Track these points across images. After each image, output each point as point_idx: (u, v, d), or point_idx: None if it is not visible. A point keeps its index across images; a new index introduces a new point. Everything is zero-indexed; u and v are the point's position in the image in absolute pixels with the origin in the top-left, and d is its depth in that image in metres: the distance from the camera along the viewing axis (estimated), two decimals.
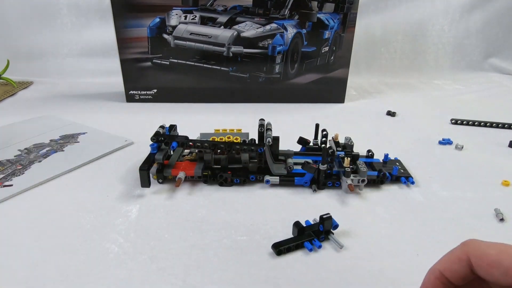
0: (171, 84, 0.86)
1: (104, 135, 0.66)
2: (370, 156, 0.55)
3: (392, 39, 1.23)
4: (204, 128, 0.56)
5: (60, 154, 0.58)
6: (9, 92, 0.94)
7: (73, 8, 1.11)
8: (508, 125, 0.75)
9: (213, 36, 0.81)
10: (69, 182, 0.51)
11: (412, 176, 0.51)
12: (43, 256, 0.36)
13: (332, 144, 0.54)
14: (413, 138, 0.69)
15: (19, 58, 1.12)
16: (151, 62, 0.84)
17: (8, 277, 0.34)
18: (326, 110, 0.86)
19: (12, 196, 0.46)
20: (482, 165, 0.58)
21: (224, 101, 0.89)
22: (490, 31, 1.27)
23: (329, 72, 0.88)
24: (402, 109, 0.85)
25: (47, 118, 0.75)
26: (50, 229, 0.40)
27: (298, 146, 0.56)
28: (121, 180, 0.51)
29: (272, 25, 0.81)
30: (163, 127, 0.52)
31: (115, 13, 0.78)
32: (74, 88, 1.01)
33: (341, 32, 0.84)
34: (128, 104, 0.87)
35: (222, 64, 0.84)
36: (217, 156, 0.51)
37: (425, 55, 1.26)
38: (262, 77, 0.86)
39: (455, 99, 0.98)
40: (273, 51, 0.83)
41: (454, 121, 0.77)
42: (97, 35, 1.13)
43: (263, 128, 0.50)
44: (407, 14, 1.22)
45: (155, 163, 0.49)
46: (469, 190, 0.50)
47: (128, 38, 0.81)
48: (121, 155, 0.60)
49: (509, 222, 0.43)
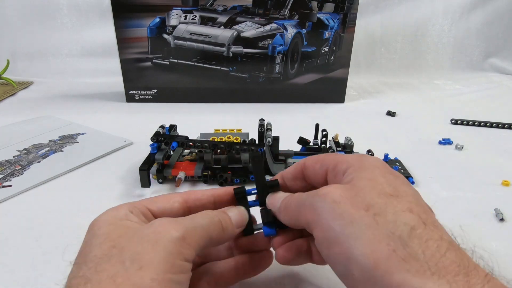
0: (171, 84, 0.86)
1: (104, 135, 0.66)
2: None
3: (392, 39, 1.23)
4: (204, 128, 0.56)
5: (59, 155, 0.58)
6: (9, 92, 0.94)
7: (73, 8, 1.11)
8: (508, 125, 0.75)
9: (213, 36, 0.81)
10: (69, 183, 0.51)
11: (412, 176, 0.51)
12: (43, 256, 0.36)
13: (332, 144, 0.54)
14: (413, 138, 0.69)
15: (19, 58, 1.12)
16: (151, 62, 0.84)
17: (8, 277, 0.34)
18: (326, 110, 0.86)
19: (12, 197, 0.46)
20: (482, 165, 0.58)
21: (224, 101, 0.89)
22: (490, 31, 1.27)
23: (329, 72, 0.88)
24: (402, 109, 0.85)
25: (46, 119, 0.75)
26: (50, 229, 0.40)
27: (298, 146, 0.56)
28: (121, 180, 0.51)
29: (272, 25, 0.81)
30: (163, 127, 0.52)
31: (115, 13, 0.78)
32: (74, 88, 1.01)
33: (341, 32, 0.84)
34: (128, 104, 0.87)
35: (222, 64, 0.84)
36: (217, 156, 0.51)
37: (425, 55, 1.26)
38: (262, 77, 0.86)
39: (455, 99, 0.98)
40: (273, 51, 0.83)
41: (454, 121, 0.77)
42: (97, 35, 1.13)
43: (263, 128, 0.50)
44: (407, 14, 1.22)
45: (155, 163, 0.49)
46: (469, 190, 0.50)
47: (128, 38, 0.81)
48: (121, 155, 0.59)
49: (509, 222, 0.43)
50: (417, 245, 0.20)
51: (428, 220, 0.21)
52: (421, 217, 0.21)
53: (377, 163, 0.25)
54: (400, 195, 0.22)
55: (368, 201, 0.22)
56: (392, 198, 0.22)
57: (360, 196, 0.22)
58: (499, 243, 0.39)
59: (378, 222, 0.21)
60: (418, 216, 0.21)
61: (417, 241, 0.20)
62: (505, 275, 0.21)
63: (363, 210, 0.21)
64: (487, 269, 0.20)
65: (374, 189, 0.23)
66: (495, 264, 0.24)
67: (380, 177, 0.24)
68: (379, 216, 0.21)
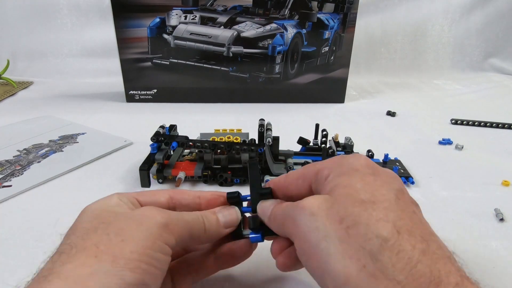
0: (171, 84, 0.86)
1: (104, 135, 0.66)
2: (370, 156, 0.55)
3: (392, 39, 1.23)
4: (204, 128, 0.56)
5: (59, 155, 0.58)
6: (9, 92, 0.94)
7: (73, 8, 1.11)
8: (508, 125, 0.75)
9: (213, 36, 0.81)
10: (69, 183, 0.51)
11: (412, 176, 0.51)
12: (43, 256, 0.36)
13: (332, 144, 0.54)
14: (413, 138, 0.69)
15: (19, 58, 1.12)
16: (151, 62, 0.84)
17: (8, 277, 0.34)
18: (326, 110, 0.86)
19: (12, 197, 0.46)
20: (482, 165, 0.58)
21: (224, 101, 0.89)
22: (490, 31, 1.27)
23: (329, 72, 0.88)
24: (402, 109, 0.85)
25: (46, 119, 0.75)
26: (50, 229, 0.40)
27: (298, 146, 0.56)
28: (121, 180, 0.51)
29: (272, 25, 0.81)
30: (163, 127, 0.52)
31: (115, 13, 0.78)
32: (74, 88, 1.01)
33: (341, 32, 0.84)
34: (128, 104, 0.87)
35: (222, 64, 0.84)
36: (217, 156, 0.51)
37: (425, 55, 1.26)
38: (262, 77, 0.86)
39: (455, 99, 0.98)
40: (273, 51, 0.83)
41: (454, 121, 0.77)
42: (97, 35, 1.13)
43: (263, 128, 0.50)
44: (407, 14, 1.22)
45: (155, 163, 0.49)
46: (469, 190, 0.50)
47: (128, 38, 0.81)
48: (121, 155, 0.59)
49: (509, 222, 0.43)
50: (388, 258, 0.19)
51: (403, 227, 0.21)
52: (395, 224, 0.21)
53: (356, 164, 0.24)
54: (377, 201, 0.22)
55: (343, 212, 0.22)
56: (367, 206, 0.21)
57: (335, 207, 0.22)
58: (499, 243, 0.39)
59: (350, 236, 0.21)
60: (393, 224, 0.21)
61: (388, 254, 0.20)
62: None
63: (337, 223, 0.21)
64: (465, 272, 0.20)
65: (349, 198, 0.22)
66: (495, 264, 0.24)
67: (357, 182, 0.23)
68: (351, 228, 0.21)
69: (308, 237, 0.22)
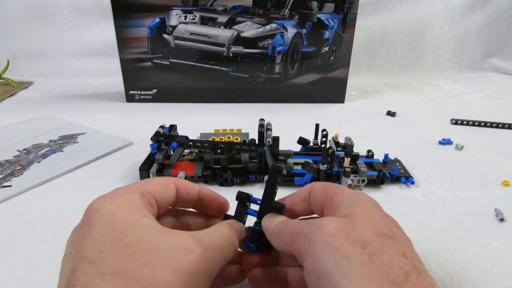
0: (171, 84, 0.86)
1: (104, 135, 0.66)
2: (370, 156, 0.55)
3: (392, 39, 1.23)
4: (204, 128, 0.56)
5: (59, 155, 0.58)
6: (9, 92, 0.94)
7: (73, 8, 1.11)
8: (508, 125, 0.75)
9: (213, 36, 0.81)
10: (69, 183, 0.51)
11: (412, 176, 0.51)
12: (43, 256, 0.36)
13: (332, 144, 0.54)
14: (413, 138, 0.69)
15: (19, 58, 1.12)
16: (151, 62, 0.84)
17: (8, 277, 0.34)
18: (326, 110, 0.86)
19: (12, 197, 0.46)
20: (482, 165, 0.58)
21: (224, 101, 0.89)
22: (490, 31, 1.27)
23: (329, 72, 0.88)
24: (402, 109, 0.85)
25: (46, 119, 0.75)
26: (50, 229, 0.40)
27: (298, 146, 0.56)
28: (121, 180, 0.51)
29: (272, 25, 0.81)
30: (163, 127, 0.52)
31: (115, 13, 0.78)
32: (74, 88, 1.01)
33: (341, 32, 0.84)
34: (128, 104, 0.87)
35: (222, 64, 0.84)
36: (217, 156, 0.51)
37: (425, 55, 1.26)
38: (262, 77, 0.86)
39: (455, 99, 0.98)
40: (273, 51, 0.83)
41: (454, 121, 0.77)
42: (97, 35, 1.13)
43: (263, 128, 0.50)
44: (407, 14, 1.22)
45: (155, 163, 0.49)
46: (469, 190, 0.50)
47: (128, 38, 0.81)
48: (121, 155, 0.59)
49: (509, 222, 0.43)
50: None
51: (421, 267, 0.22)
52: (414, 264, 0.21)
53: (372, 200, 0.26)
54: (396, 238, 0.23)
55: (365, 239, 0.22)
56: (388, 239, 0.22)
57: (357, 232, 0.22)
58: (499, 243, 0.39)
59: (374, 262, 0.21)
60: (412, 262, 0.21)
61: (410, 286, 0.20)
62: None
63: (359, 247, 0.22)
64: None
65: (370, 227, 0.23)
66: (495, 264, 0.24)
67: (376, 215, 0.24)
68: (375, 256, 0.21)
69: (325, 256, 0.22)
